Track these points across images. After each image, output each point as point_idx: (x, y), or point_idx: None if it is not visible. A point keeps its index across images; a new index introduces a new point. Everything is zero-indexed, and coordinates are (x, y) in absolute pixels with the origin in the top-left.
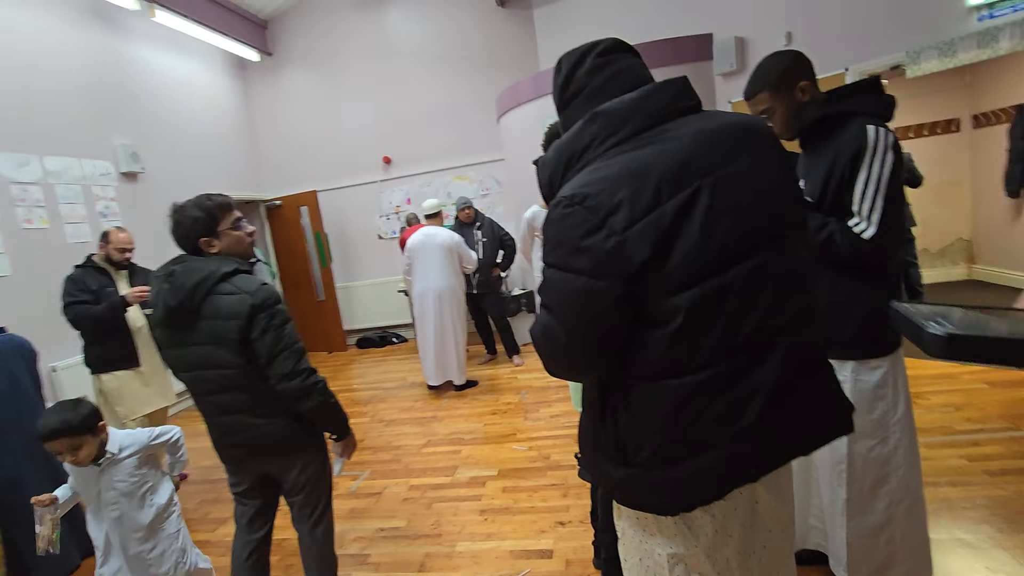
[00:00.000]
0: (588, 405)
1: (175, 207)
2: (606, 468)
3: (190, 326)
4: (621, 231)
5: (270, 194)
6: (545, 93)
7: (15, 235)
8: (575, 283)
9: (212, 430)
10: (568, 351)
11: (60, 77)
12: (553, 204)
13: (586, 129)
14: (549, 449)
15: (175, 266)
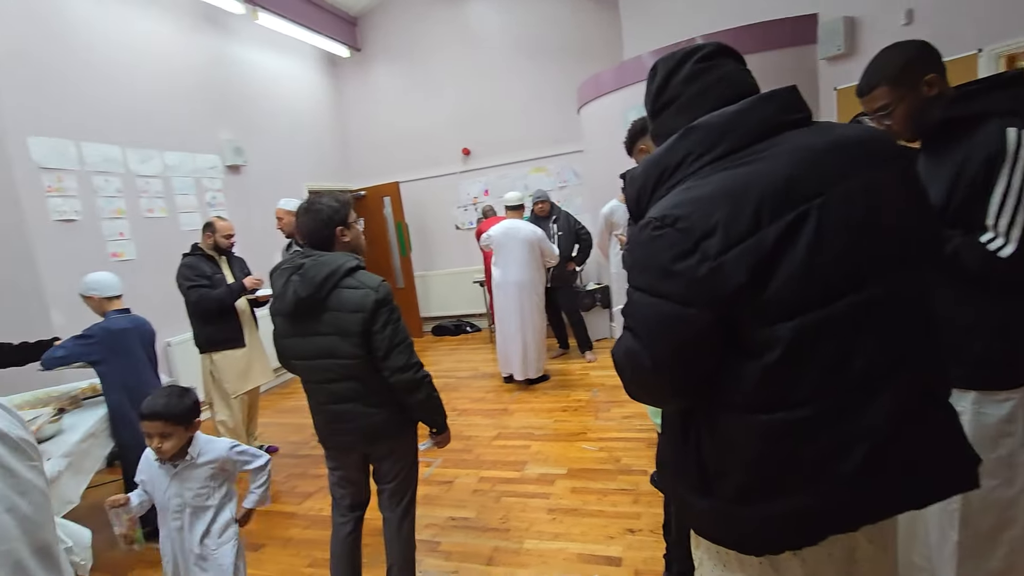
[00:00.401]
0: (669, 427)
1: (312, 199)
2: (686, 496)
3: (315, 317)
4: (715, 256)
5: (356, 185)
6: (628, 83)
7: (139, 223)
8: (663, 308)
9: (320, 416)
10: (653, 378)
11: (177, 79)
12: (641, 225)
13: (679, 144)
14: (620, 452)
15: (303, 260)
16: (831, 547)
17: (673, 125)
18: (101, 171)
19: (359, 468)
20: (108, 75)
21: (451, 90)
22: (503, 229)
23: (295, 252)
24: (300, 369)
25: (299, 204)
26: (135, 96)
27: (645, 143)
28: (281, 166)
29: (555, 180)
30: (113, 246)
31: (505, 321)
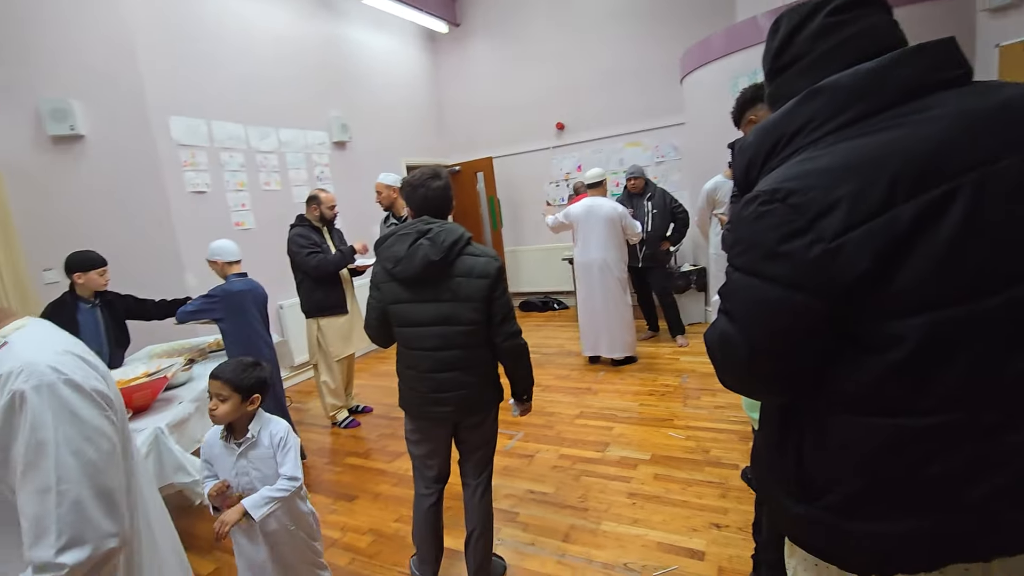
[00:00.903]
0: (765, 423)
1: (433, 172)
2: (782, 500)
3: (437, 282)
4: (831, 238)
5: (451, 160)
6: (739, 48)
7: (258, 195)
8: (766, 293)
9: (421, 385)
10: (748, 367)
11: (292, 61)
12: (748, 199)
13: (801, 109)
14: (710, 443)
15: (427, 226)
16: (955, 574)
17: (794, 87)
18: (227, 147)
19: (446, 441)
20: (235, 59)
21: (547, 63)
22: (583, 207)
23: (410, 222)
24: (410, 336)
25: (403, 177)
26: (257, 78)
27: (756, 113)
28: (382, 142)
29: (652, 155)
30: (236, 216)
31: (587, 300)
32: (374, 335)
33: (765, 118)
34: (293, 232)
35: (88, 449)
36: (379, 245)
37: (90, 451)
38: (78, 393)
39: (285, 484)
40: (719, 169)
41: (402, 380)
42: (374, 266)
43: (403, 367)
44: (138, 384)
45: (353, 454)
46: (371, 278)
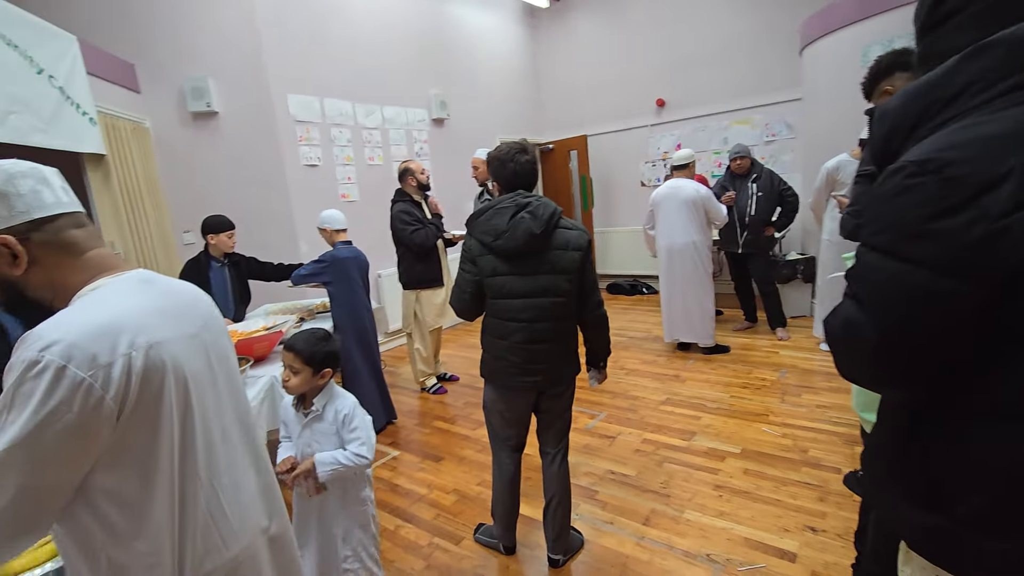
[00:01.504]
0: (886, 419)
1: (520, 147)
2: (902, 506)
3: (537, 255)
4: (998, 216)
5: (545, 138)
6: (872, 14)
7: (363, 169)
8: (908, 277)
9: (512, 354)
10: (876, 358)
11: (397, 40)
12: (891, 170)
13: (965, 67)
14: (808, 443)
15: (526, 199)
16: None
17: (954, 43)
18: (336, 123)
19: (528, 411)
20: (345, 39)
21: (650, 36)
22: (665, 191)
23: (506, 195)
24: (505, 307)
25: (489, 152)
26: (366, 56)
27: (893, 82)
28: (478, 119)
29: (762, 133)
30: (342, 188)
31: (667, 284)
32: (463, 308)
33: (913, 80)
34: (397, 208)
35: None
36: (473, 220)
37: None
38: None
39: (352, 457)
40: (839, 148)
41: (489, 350)
42: (467, 240)
43: (493, 338)
44: (258, 336)
45: (440, 418)
46: (464, 252)
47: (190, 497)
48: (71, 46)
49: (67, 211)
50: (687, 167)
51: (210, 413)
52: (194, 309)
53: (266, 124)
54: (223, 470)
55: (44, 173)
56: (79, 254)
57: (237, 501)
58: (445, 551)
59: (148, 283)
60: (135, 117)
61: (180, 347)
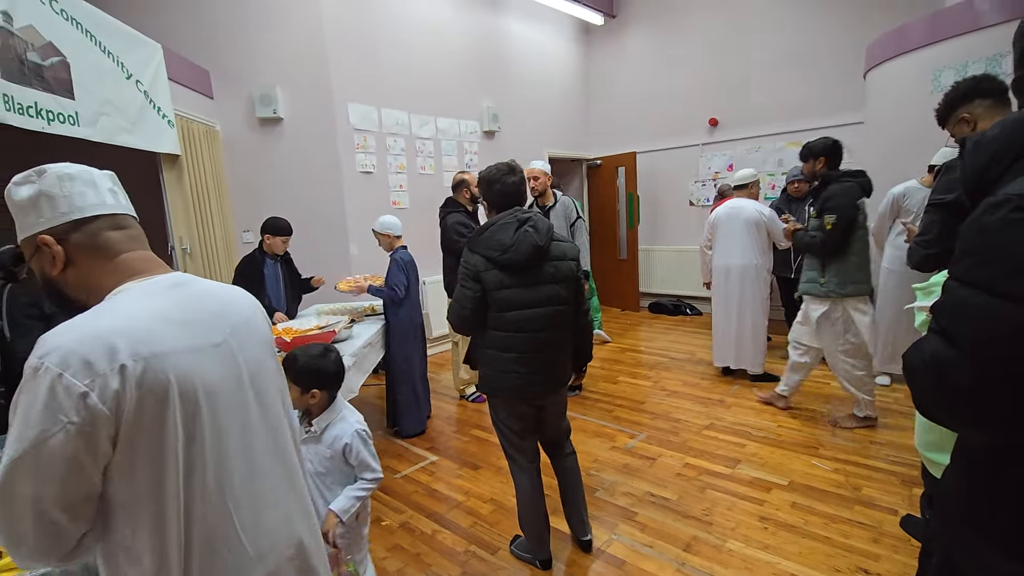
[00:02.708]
0: (964, 461)
1: (508, 168)
2: (986, 554)
3: (539, 267)
4: None
5: (593, 154)
6: (945, 37)
7: (414, 178)
8: (1010, 316)
9: (519, 365)
10: (969, 398)
11: (453, 53)
12: (992, 204)
13: None
14: (862, 480)
15: (525, 215)
16: None
17: None
18: (392, 132)
19: (536, 416)
20: (403, 51)
21: (705, 55)
22: (725, 210)
23: (505, 212)
24: (512, 320)
25: (478, 172)
26: (422, 68)
27: (972, 110)
28: (529, 132)
29: None
30: (394, 195)
31: (722, 306)
32: (463, 323)
33: (977, 120)
34: (453, 220)
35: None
36: (475, 238)
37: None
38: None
39: (366, 486)
40: (902, 176)
41: (493, 365)
42: (469, 257)
43: (497, 351)
44: (312, 334)
45: (478, 427)
46: (465, 270)
47: (197, 518)
48: (156, 53)
49: (107, 212)
50: (748, 187)
51: (229, 428)
52: (225, 315)
53: (327, 131)
54: (240, 490)
55: (93, 176)
56: (113, 256)
57: (257, 525)
58: (481, 560)
59: (176, 287)
60: (208, 121)
61: (193, 359)
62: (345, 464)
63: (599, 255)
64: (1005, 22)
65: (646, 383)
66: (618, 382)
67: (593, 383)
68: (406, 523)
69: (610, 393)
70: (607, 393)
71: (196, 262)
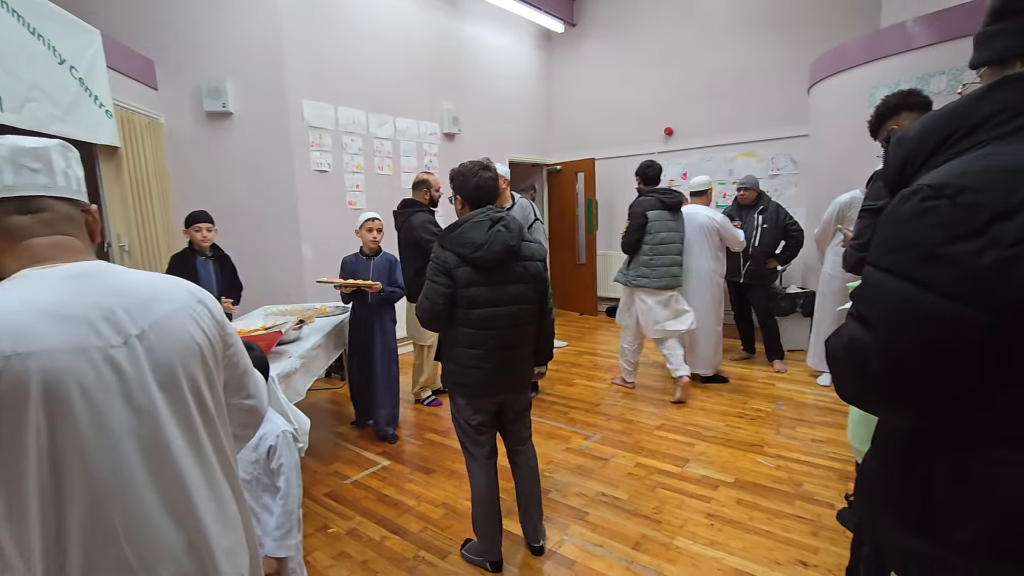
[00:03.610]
0: (884, 442)
1: (483, 164)
2: (895, 532)
3: (509, 267)
4: (1011, 244)
5: (553, 159)
6: (880, 56)
7: (372, 178)
8: (917, 299)
9: (486, 361)
10: (879, 382)
11: (412, 53)
12: (906, 194)
13: (988, 99)
14: (803, 476)
15: (498, 214)
16: None
17: (1006, 45)
18: (349, 131)
19: (495, 415)
20: (362, 49)
21: (662, 66)
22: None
23: (478, 210)
24: (482, 317)
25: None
26: (381, 68)
27: (899, 122)
28: (489, 136)
29: (767, 167)
30: (350, 195)
31: None
32: (434, 319)
33: (940, 108)
34: (422, 219)
35: None
36: (447, 234)
37: None
38: None
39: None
40: (842, 186)
41: (458, 361)
42: (440, 253)
43: (464, 348)
44: (257, 335)
45: (433, 431)
46: (436, 265)
47: (68, 532)
48: (94, 40)
49: (13, 195)
50: (705, 194)
51: (120, 434)
52: (137, 312)
53: (279, 128)
54: (131, 498)
55: (15, 154)
56: (17, 240)
57: (151, 540)
58: (431, 565)
59: (76, 279)
60: (151, 112)
61: (69, 359)
62: (266, 483)
63: (558, 259)
64: (932, 44)
65: (601, 385)
66: (574, 384)
67: (550, 386)
68: (354, 530)
69: (566, 395)
70: (563, 395)
71: (135, 259)
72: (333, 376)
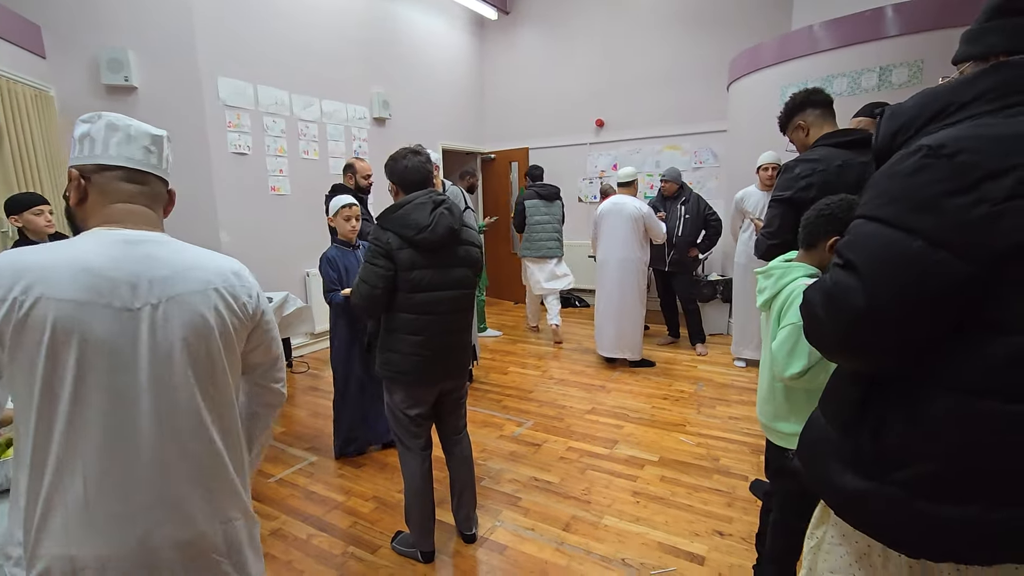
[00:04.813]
0: (834, 394)
1: (413, 149)
2: (835, 474)
3: (451, 250)
4: (1000, 200)
5: (487, 147)
6: (791, 57)
7: (296, 163)
8: (905, 245)
9: (427, 348)
10: (859, 323)
11: (341, 33)
12: (906, 152)
13: (981, 80)
14: (720, 451)
15: (440, 196)
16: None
17: (992, 41)
18: (271, 112)
19: (434, 405)
20: (286, 25)
21: (593, 58)
22: (608, 206)
23: (418, 192)
24: (424, 301)
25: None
26: (306, 46)
27: (805, 118)
28: (421, 122)
29: (690, 160)
30: (273, 180)
31: (604, 297)
32: (374, 303)
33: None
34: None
35: None
36: (388, 215)
37: None
38: None
39: None
40: (755, 178)
41: (398, 349)
42: (380, 234)
43: (404, 335)
44: None
45: None
46: (376, 248)
47: (49, 468)
48: None
49: (132, 167)
50: (631, 184)
51: (114, 393)
52: (162, 284)
53: (192, 105)
54: (99, 456)
55: (131, 131)
56: (111, 203)
57: (113, 501)
58: (360, 560)
59: (127, 244)
60: (38, 84)
61: (80, 311)
62: None
63: (493, 249)
64: (835, 48)
65: (535, 373)
66: (508, 372)
67: (484, 374)
68: (278, 530)
69: (500, 384)
70: (497, 384)
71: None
72: None
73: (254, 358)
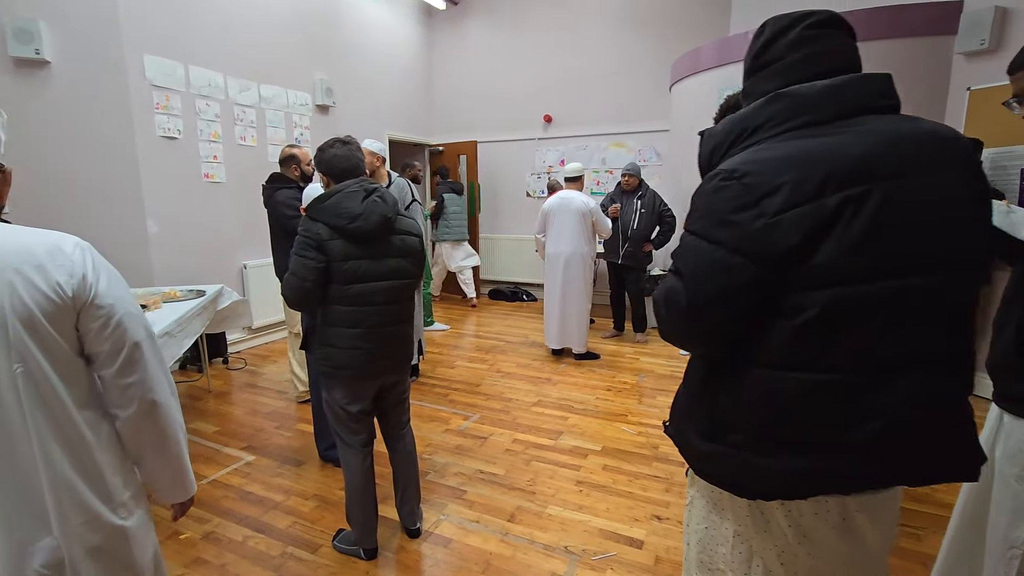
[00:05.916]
0: (691, 375)
1: (341, 139)
2: (692, 439)
3: (386, 240)
4: (773, 214)
5: (435, 139)
6: (729, 61)
7: (232, 149)
8: (712, 254)
9: (366, 341)
10: (686, 318)
11: (282, 14)
12: (709, 176)
13: (765, 109)
14: (659, 440)
15: (372, 185)
16: (819, 506)
17: (765, 87)
18: (204, 95)
19: (374, 400)
20: (220, 3)
21: (541, 54)
22: (556, 201)
23: (349, 181)
24: (359, 292)
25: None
26: (242, 27)
27: None
28: (367, 111)
29: (635, 158)
30: (207, 167)
31: (551, 291)
32: (304, 297)
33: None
34: (284, 195)
35: None
36: (318, 204)
37: None
38: None
39: None
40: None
41: (336, 343)
42: (309, 225)
43: (342, 328)
44: None
45: (304, 421)
46: (305, 239)
47: None
48: None
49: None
50: (578, 180)
51: None
52: None
53: (114, 84)
54: None
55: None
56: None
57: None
58: (300, 560)
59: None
60: None
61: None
62: None
63: None
64: None
65: (482, 366)
66: (455, 367)
67: (431, 368)
68: (211, 533)
69: (447, 378)
70: (444, 378)
71: None
72: (189, 368)
73: (91, 347)
